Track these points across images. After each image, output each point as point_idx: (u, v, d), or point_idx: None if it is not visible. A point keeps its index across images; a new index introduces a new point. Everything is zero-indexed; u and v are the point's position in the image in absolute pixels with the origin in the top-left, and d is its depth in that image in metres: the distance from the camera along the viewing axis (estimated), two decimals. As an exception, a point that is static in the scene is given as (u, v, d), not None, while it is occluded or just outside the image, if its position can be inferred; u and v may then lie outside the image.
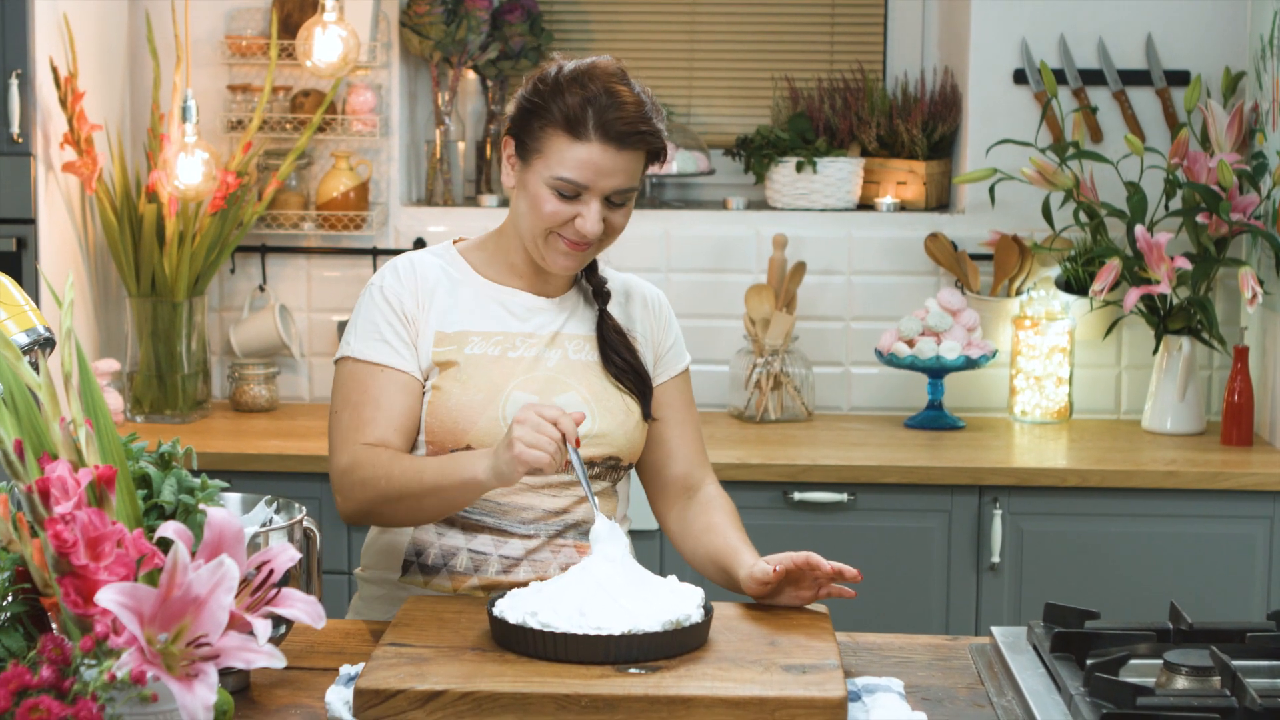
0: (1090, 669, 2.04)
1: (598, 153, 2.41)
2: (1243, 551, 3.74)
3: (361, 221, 4.30)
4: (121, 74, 4.28)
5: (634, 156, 2.44)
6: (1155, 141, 4.22)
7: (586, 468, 2.46)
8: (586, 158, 2.41)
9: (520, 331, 2.53)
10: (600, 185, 2.42)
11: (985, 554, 3.77)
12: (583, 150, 2.41)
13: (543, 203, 2.44)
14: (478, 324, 2.52)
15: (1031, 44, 4.24)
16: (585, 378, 2.53)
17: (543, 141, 2.43)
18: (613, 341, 2.57)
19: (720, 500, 2.61)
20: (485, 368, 2.49)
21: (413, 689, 1.98)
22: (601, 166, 2.41)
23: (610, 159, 2.41)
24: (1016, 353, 4.21)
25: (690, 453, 2.63)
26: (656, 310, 2.66)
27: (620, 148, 2.41)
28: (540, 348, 2.53)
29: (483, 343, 2.50)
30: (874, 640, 2.38)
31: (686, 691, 1.98)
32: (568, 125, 2.41)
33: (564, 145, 2.41)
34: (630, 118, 2.41)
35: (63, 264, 3.93)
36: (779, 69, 4.57)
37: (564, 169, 2.42)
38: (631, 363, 2.57)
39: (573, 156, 2.41)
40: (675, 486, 2.63)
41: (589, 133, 2.40)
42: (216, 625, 1.69)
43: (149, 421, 4.12)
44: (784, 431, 4.11)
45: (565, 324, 2.56)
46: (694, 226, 4.33)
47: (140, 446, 2.01)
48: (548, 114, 2.43)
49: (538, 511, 2.49)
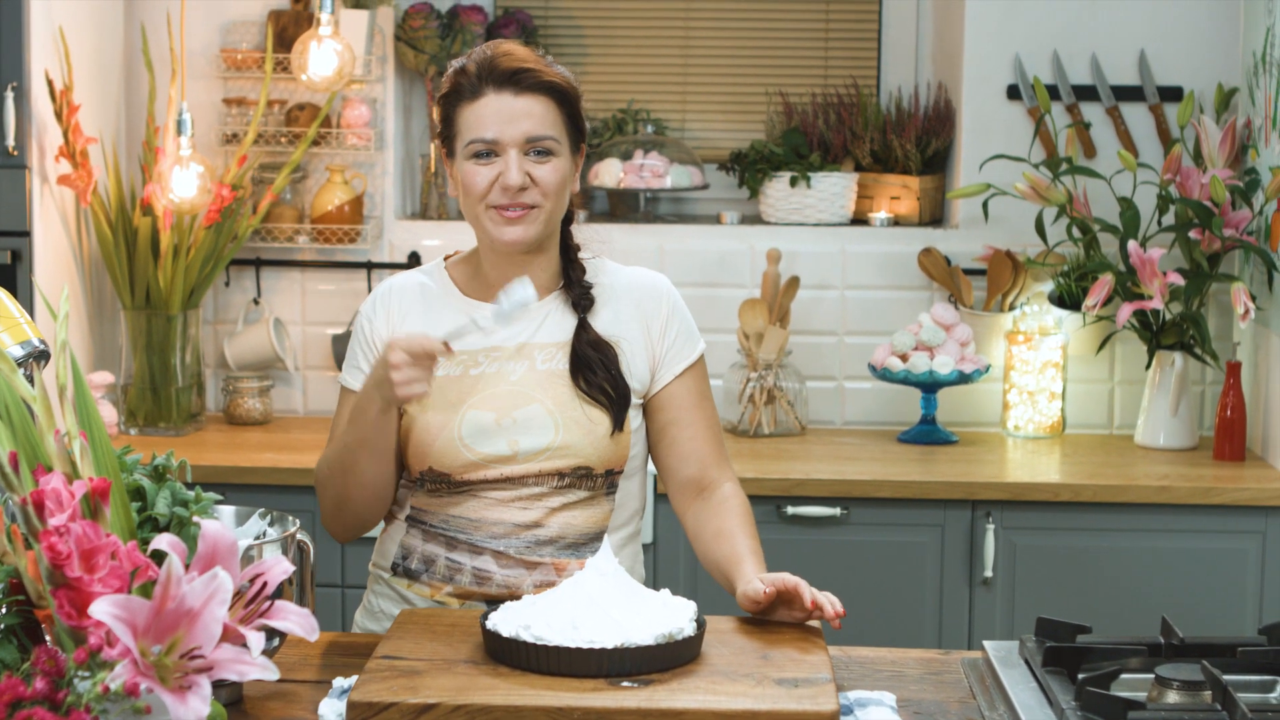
0: (1082, 683, 2.05)
1: (494, 101, 2.45)
2: (1234, 566, 3.75)
3: (356, 235, 4.30)
4: (117, 87, 4.28)
5: (536, 100, 2.46)
6: (1148, 157, 4.23)
7: (557, 478, 2.49)
8: (485, 110, 2.45)
9: (483, 347, 2.52)
10: (508, 134, 2.45)
11: (978, 568, 3.78)
12: (481, 105, 2.45)
13: (468, 175, 2.47)
14: None
15: (1025, 60, 4.25)
16: (551, 388, 2.50)
17: (455, 122, 2.49)
18: (586, 358, 2.52)
19: (734, 502, 2.56)
20: (445, 389, 2.50)
21: (405, 702, 1.99)
22: (501, 113, 2.45)
23: (508, 103, 2.45)
24: (1010, 368, 4.22)
25: (703, 454, 2.58)
26: (655, 304, 2.59)
27: (516, 91, 2.45)
28: (502, 362, 2.52)
29: (446, 363, 2.49)
30: (866, 654, 2.38)
31: (679, 705, 1.98)
32: (469, 92, 2.46)
33: (467, 111, 2.47)
34: (518, 58, 2.46)
35: (57, 277, 3.94)
36: (773, 84, 4.59)
37: (471, 131, 2.46)
38: (603, 381, 2.51)
39: (475, 116, 2.46)
40: (690, 488, 2.58)
41: (482, 86, 2.46)
42: (210, 637, 1.69)
43: (143, 434, 4.12)
44: (777, 446, 4.11)
45: (536, 332, 2.54)
46: (688, 241, 4.33)
47: (135, 459, 2.01)
48: (453, 95, 2.48)
49: (508, 525, 2.49)
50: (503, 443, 2.48)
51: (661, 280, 2.63)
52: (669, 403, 2.58)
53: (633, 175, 4.37)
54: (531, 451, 2.48)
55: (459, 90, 2.47)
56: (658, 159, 4.38)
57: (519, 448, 2.48)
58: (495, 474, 2.48)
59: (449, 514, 2.51)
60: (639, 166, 4.37)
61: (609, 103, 4.59)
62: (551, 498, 2.50)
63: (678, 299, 2.63)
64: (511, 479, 2.49)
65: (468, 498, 2.50)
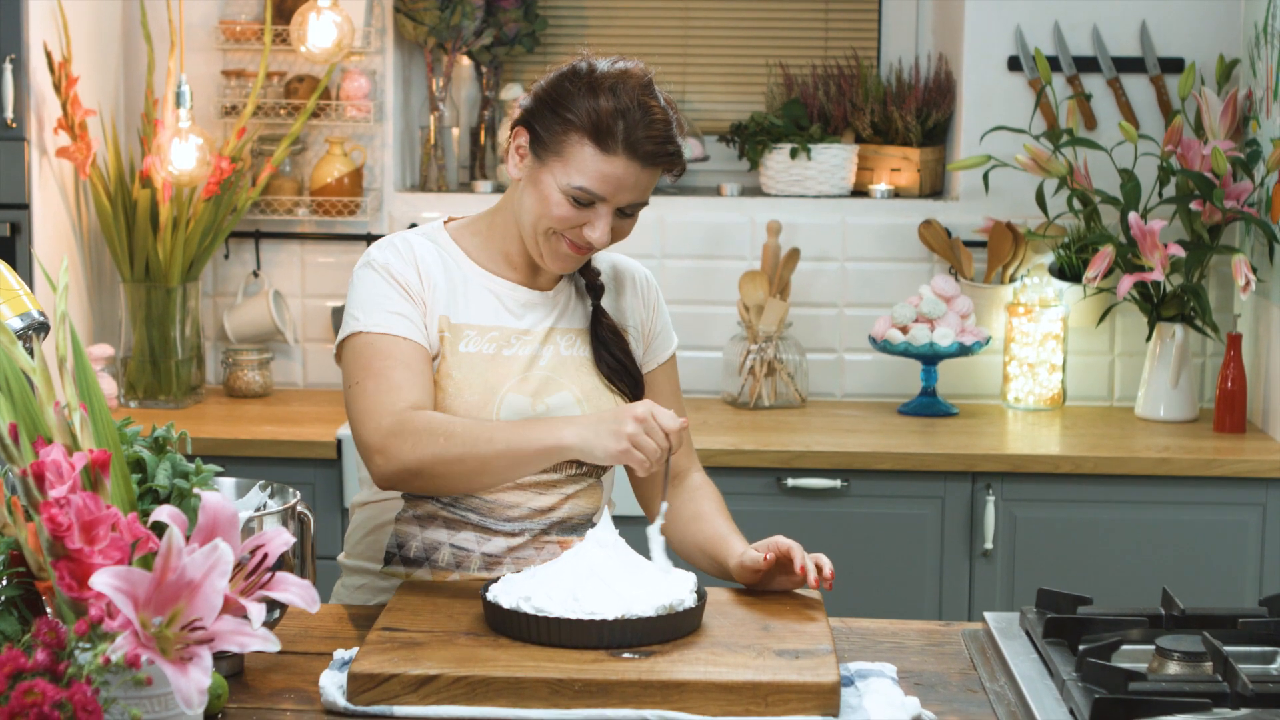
0: (1083, 654, 2.05)
1: (622, 168, 2.35)
2: (1235, 538, 3.75)
3: (355, 207, 4.30)
4: (116, 59, 4.27)
5: (655, 173, 2.40)
6: (1149, 129, 4.22)
7: (576, 464, 2.47)
8: (610, 172, 2.35)
9: (516, 328, 2.48)
10: (618, 199, 2.37)
11: (978, 540, 3.78)
12: (607, 164, 2.35)
13: (554, 206, 2.38)
14: (474, 317, 2.47)
15: (1026, 31, 4.24)
16: (577, 375, 2.49)
17: (565, 145, 2.36)
18: (606, 340, 2.52)
19: (707, 489, 2.58)
20: (480, 368, 2.44)
21: (406, 673, 1.99)
22: (624, 182, 2.36)
23: (634, 175, 2.36)
24: (1010, 339, 4.22)
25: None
26: (645, 294, 2.61)
27: (645, 165, 2.36)
28: (535, 345, 2.48)
29: (478, 339, 2.45)
30: (867, 625, 2.38)
31: (680, 676, 1.99)
32: (595, 135, 2.34)
33: (588, 155, 2.35)
34: (659, 137, 2.36)
35: (57, 249, 3.93)
36: (773, 55, 4.57)
37: (585, 179, 2.35)
38: (624, 362, 2.52)
39: (595, 169, 2.35)
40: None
41: (617, 147, 2.34)
42: (211, 609, 1.69)
43: (143, 407, 4.12)
44: (777, 418, 4.11)
45: (560, 318, 2.52)
46: (688, 213, 4.33)
47: (135, 431, 2.01)
48: (574, 117, 2.36)
49: (524, 510, 2.46)
50: None
51: (646, 270, 2.66)
52: (649, 391, 2.59)
53: (633, 147, 4.35)
54: None
55: (586, 121, 2.35)
56: (658, 131, 4.37)
57: None
58: None
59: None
60: (639, 138, 4.35)
61: (609, 74, 4.57)
62: (567, 485, 2.48)
63: (660, 290, 2.66)
64: None
65: None
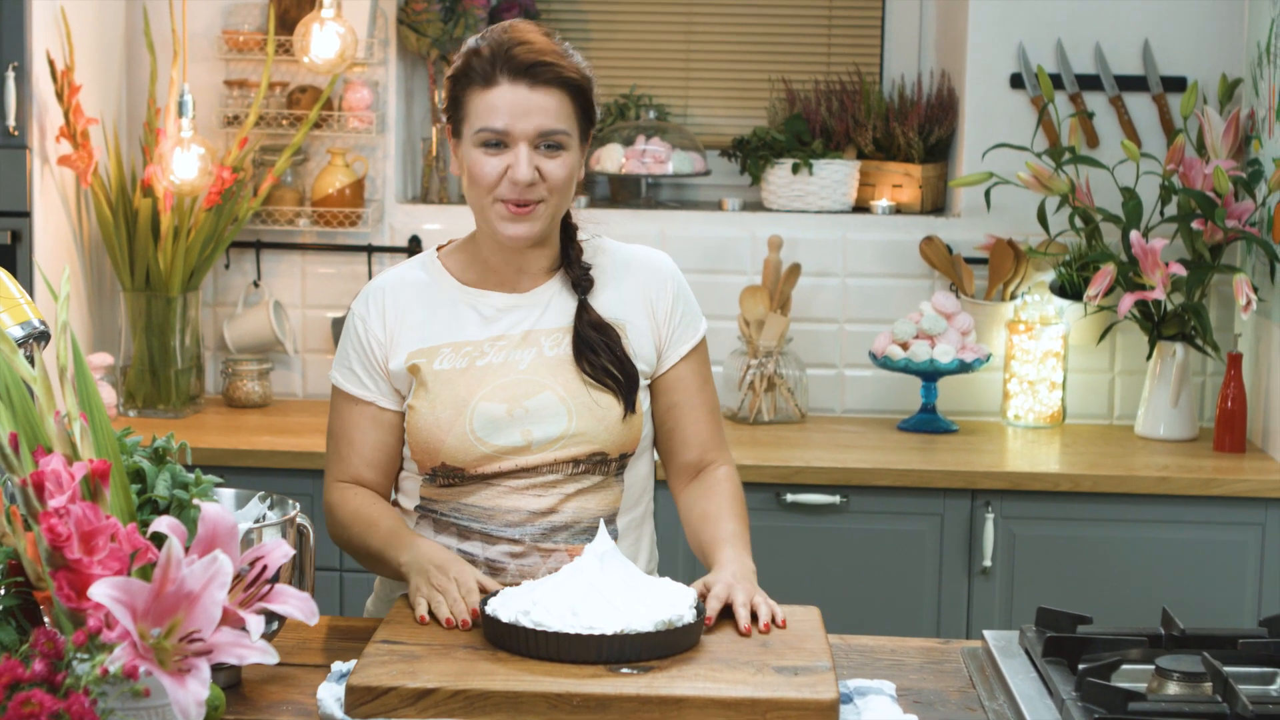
0: (1082, 674, 2.04)
1: (509, 92, 2.39)
2: (1235, 558, 3.75)
3: (357, 218, 4.30)
4: (118, 68, 4.27)
5: (551, 93, 2.40)
6: (1151, 147, 4.23)
7: (572, 465, 2.46)
8: (497, 102, 2.39)
9: (487, 336, 2.48)
10: (520, 126, 2.39)
11: (977, 557, 3.78)
12: (494, 95, 2.39)
13: (475, 166, 2.42)
14: (448, 335, 2.48)
15: (1028, 49, 4.24)
16: (561, 375, 2.47)
17: (465, 106, 2.43)
18: (589, 340, 2.48)
19: (724, 485, 2.55)
20: (452, 382, 2.45)
21: (404, 686, 1.98)
22: (515, 105, 2.39)
23: (523, 96, 2.39)
24: (1010, 357, 4.21)
25: (704, 437, 2.57)
26: (659, 283, 2.57)
27: (532, 84, 2.39)
28: (509, 350, 2.48)
29: (452, 355, 2.47)
30: (866, 642, 2.38)
31: (678, 692, 1.98)
32: (481, 78, 2.41)
33: (479, 97, 2.40)
34: (536, 48, 2.40)
35: (58, 258, 3.93)
36: (776, 71, 4.58)
37: (481, 119, 2.40)
38: (608, 364, 2.48)
39: (486, 104, 2.40)
40: (688, 472, 2.58)
41: (496, 74, 2.39)
42: (209, 621, 1.69)
43: (142, 416, 4.12)
44: (777, 433, 4.11)
45: (540, 319, 2.50)
46: (689, 227, 4.33)
47: (135, 441, 2.00)
48: (464, 78, 2.43)
49: (523, 513, 2.46)
50: (516, 434, 2.44)
51: (664, 259, 2.61)
52: (674, 386, 2.56)
53: (634, 161, 4.36)
54: (545, 440, 2.45)
55: (471, 73, 2.42)
56: (660, 144, 4.37)
57: (533, 437, 2.44)
58: (510, 465, 2.45)
59: (461, 503, 2.48)
60: (641, 152, 4.36)
61: (611, 88, 4.58)
62: (566, 484, 2.48)
63: (681, 278, 2.61)
64: (526, 469, 2.46)
65: (481, 487, 2.47)
